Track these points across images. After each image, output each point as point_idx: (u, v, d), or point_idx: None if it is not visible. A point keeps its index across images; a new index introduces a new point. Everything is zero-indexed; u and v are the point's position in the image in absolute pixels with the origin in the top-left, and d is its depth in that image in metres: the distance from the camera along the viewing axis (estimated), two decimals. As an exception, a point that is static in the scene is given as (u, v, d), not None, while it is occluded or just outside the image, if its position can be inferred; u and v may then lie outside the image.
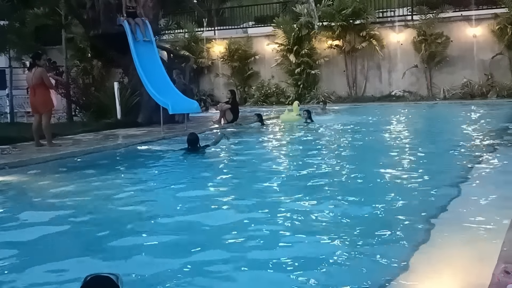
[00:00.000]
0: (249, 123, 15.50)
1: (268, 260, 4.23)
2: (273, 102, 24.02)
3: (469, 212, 5.22)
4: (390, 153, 9.78)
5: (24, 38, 15.99)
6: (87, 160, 9.83)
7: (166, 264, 4.26)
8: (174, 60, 18.61)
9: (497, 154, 8.82)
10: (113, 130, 14.05)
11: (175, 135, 13.03)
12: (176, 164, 9.45)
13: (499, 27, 20.97)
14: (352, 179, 7.37)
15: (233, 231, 5.08)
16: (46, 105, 11.03)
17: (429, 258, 4.08)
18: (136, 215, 5.93)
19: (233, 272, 4.04)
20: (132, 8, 15.52)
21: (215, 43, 26.29)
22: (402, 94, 22.85)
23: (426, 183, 6.87)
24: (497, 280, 3.07)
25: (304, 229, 5.01)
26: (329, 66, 23.82)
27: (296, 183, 7.33)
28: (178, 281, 3.90)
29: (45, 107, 10.98)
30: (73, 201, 6.59)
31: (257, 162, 9.43)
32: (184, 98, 14.38)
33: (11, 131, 13.43)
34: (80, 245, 4.94)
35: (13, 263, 4.44)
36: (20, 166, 8.91)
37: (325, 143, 11.83)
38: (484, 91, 21.15)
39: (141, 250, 4.63)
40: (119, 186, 7.54)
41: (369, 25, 22.94)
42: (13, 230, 5.46)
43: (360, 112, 19.35)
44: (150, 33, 15.26)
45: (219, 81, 26.18)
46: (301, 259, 4.24)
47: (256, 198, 6.40)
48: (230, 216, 5.62)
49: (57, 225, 5.57)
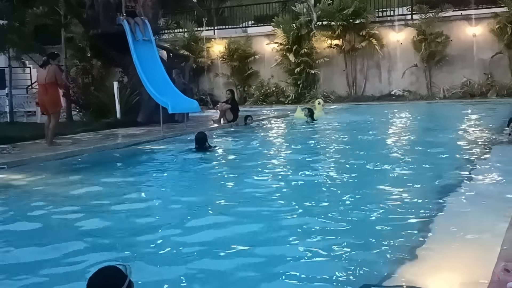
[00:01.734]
0: (249, 123, 15.47)
1: (269, 259, 4.24)
2: (272, 102, 24.02)
3: (469, 210, 5.22)
4: (389, 152, 9.79)
5: (23, 37, 15.99)
6: (86, 160, 9.83)
7: (166, 263, 4.26)
8: (173, 60, 18.61)
9: (496, 153, 8.82)
10: (113, 130, 14.06)
11: (175, 135, 13.05)
12: (176, 163, 9.47)
13: (498, 26, 20.96)
14: (351, 178, 7.37)
15: (234, 230, 5.08)
16: (56, 105, 11.11)
17: (428, 257, 4.07)
18: (135, 214, 5.92)
19: (233, 271, 4.04)
20: (131, 7, 15.51)
21: (214, 42, 26.29)
22: (402, 93, 22.85)
23: (425, 181, 6.87)
24: (497, 278, 3.07)
25: (304, 228, 5.02)
26: (329, 66, 23.81)
27: (296, 182, 7.32)
28: (178, 282, 3.90)
29: (54, 107, 11.06)
30: (72, 200, 6.59)
31: (259, 161, 9.43)
32: (183, 97, 14.37)
33: (10, 130, 13.44)
34: (80, 244, 4.92)
35: (12, 262, 4.44)
36: (19, 166, 8.92)
37: (326, 143, 11.84)
38: (483, 90, 21.15)
39: (141, 250, 4.63)
40: (118, 185, 7.55)
41: (369, 25, 22.94)
42: (12, 229, 5.46)
43: (360, 111, 19.35)
44: (149, 33, 15.25)
45: (218, 80, 26.18)
46: (299, 257, 4.24)
47: (258, 197, 6.41)
48: (230, 216, 5.62)
49: (57, 224, 5.57)
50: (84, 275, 3.97)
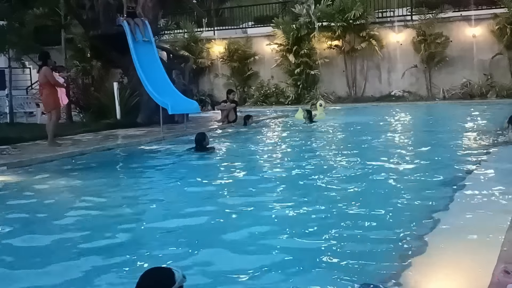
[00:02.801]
0: (249, 124, 15.47)
1: (269, 258, 4.24)
2: (272, 103, 24.02)
3: (468, 212, 5.21)
4: (389, 153, 9.76)
5: (23, 38, 15.98)
6: (86, 160, 9.83)
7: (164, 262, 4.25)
8: (173, 61, 18.60)
9: (496, 153, 8.82)
10: (113, 131, 14.06)
11: (175, 135, 13.05)
12: (176, 164, 9.46)
13: (498, 27, 20.97)
14: (350, 178, 7.36)
15: (234, 230, 5.09)
16: (49, 104, 11.10)
17: (428, 258, 4.07)
18: (135, 215, 5.93)
19: (233, 270, 4.04)
20: (131, 8, 15.51)
21: (214, 43, 26.30)
22: (402, 94, 22.86)
23: (424, 182, 6.88)
24: (497, 279, 3.07)
25: (303, 227, 5.02)
26: (329, 67, 23.81)
27: (296, 182, 7.34)
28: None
29: (48, 106, 11.07)
30: (72, 201, 6.60)
31: (258, 161, 9.45)
32: (183, 98, 14.37)
33: (10, 131, 13.44)
34: (79, 242, 4.92)
35: (11, 262, 4.44)
36: (19, 167, 8.91)
37: (326, 143, 11.84)
38: (483, 91, 21.16)
39: (140, 249, 4.63)
40: (118, 186, 7.55)
41: (369, 25, 22.95)
42: (12, 230, 5.46)
43: (360, 112, 19.36)
44: (149, 34, 15.26)
45: (218, 81, 26.18)
46: (299, 256, 4.25)
47: (257, 197, 6.41)
48: (230, 215, 5.63)
49: (56, 224, 5.57)
50: (82, 277, 4.00)
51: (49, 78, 10.97)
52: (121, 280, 3.92)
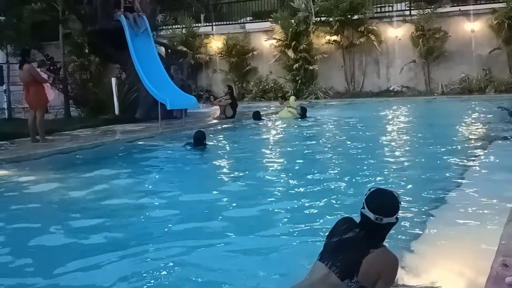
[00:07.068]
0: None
1: (268, 257, 4.25)
2: (271, 98, 23.98)
3: (467, 206, 5.22)
4: (387, 148, 9.78)
5: (21, 33, 15.95)
6: (84, 156, 9.81)
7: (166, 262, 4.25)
8: (172, 56, 18.57)
9: (495, 148, 8.83)
10: (111, 126, 14.03)
11: (173, 131, 13.03)
12: (174, 159, 9.46)
13: (497, 22, 20.93)
14: (349, 173, 7.36)
15: (233, 228, 5.08)
16: (38, 101, 11.05)
17: (426, 252, 4.08)
18: (132, 210, 5.92)
19: (231, 265, 4.04)
20: (129, 2, 15.45)
21: (212, 38, 26.24)
22: (400, 89, 22.84)
23: (423, 178, 6.88)
24: (496, 273, 3.07)
25: (302, 224, 5.02)
26: (327, 62, 23.78)
27: (295, 179, 7.33)
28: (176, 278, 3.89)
29: (37, 103, 11.01)
30: (70, 197, 6.58)
31: (257, 157, 9.43)
32: (182, 93, 14.34)
33: (8, 127, 13.40)
34: (78, 240, 4.92)
35: (10, 261, 4.43)
36: (17, 162, 8.90)
37: (323, 139, 11.84)
38: (482, 86, 21.15)
39: (139, 245, 4.62)
40: (116, 181, 7.53)
41: (367, 20, 22.90)
42: (10, 225, 5.45)
43: (358, 107, 19.34)
44: (148, 28, 15.20)
45: (217, 76, 26.14)
46: (298, 255, 4.24)
47: (257, 194, 6.40)
48: (229, 212, 5.63)
49: (54, 220, 5.56)
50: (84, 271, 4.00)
51: (35, 76, 10.91)
52: (119, 275, 3.91)
